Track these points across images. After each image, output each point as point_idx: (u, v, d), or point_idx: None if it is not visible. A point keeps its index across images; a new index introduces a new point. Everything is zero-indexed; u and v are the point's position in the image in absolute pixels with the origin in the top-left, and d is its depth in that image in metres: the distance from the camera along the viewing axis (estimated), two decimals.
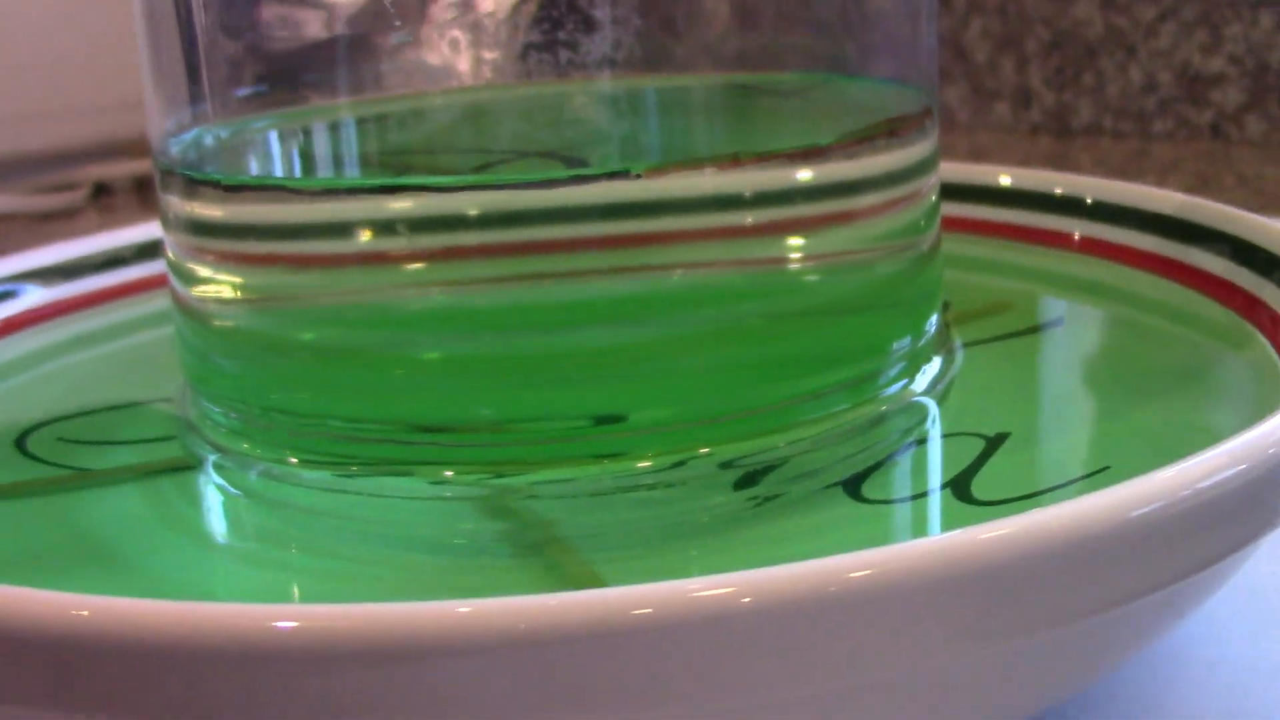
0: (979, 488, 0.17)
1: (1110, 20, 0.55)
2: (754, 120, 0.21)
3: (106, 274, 0.26)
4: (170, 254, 0.20)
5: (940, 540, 0.12)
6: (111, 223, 0.53)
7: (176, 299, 0.20)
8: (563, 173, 0.18)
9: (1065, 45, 0.57)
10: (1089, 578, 0.13)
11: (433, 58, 0.20)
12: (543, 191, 0.17)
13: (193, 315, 0.20)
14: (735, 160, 0.17)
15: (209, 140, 0.20)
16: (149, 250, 0.26)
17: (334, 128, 0.20)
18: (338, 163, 0.20)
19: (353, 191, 0.19)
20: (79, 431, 0.21)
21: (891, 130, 0.19)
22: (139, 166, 0.59)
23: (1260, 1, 0.52)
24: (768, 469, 0.18)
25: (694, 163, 0.18)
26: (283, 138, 0.20)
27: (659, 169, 0.17)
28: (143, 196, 0.58)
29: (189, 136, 0.20)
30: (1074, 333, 0.23)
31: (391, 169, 0.20)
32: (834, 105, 0.20)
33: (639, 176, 0.17)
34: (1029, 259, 0.25)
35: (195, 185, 0.19)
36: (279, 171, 0.20)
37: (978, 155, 0.56)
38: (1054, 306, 0.24)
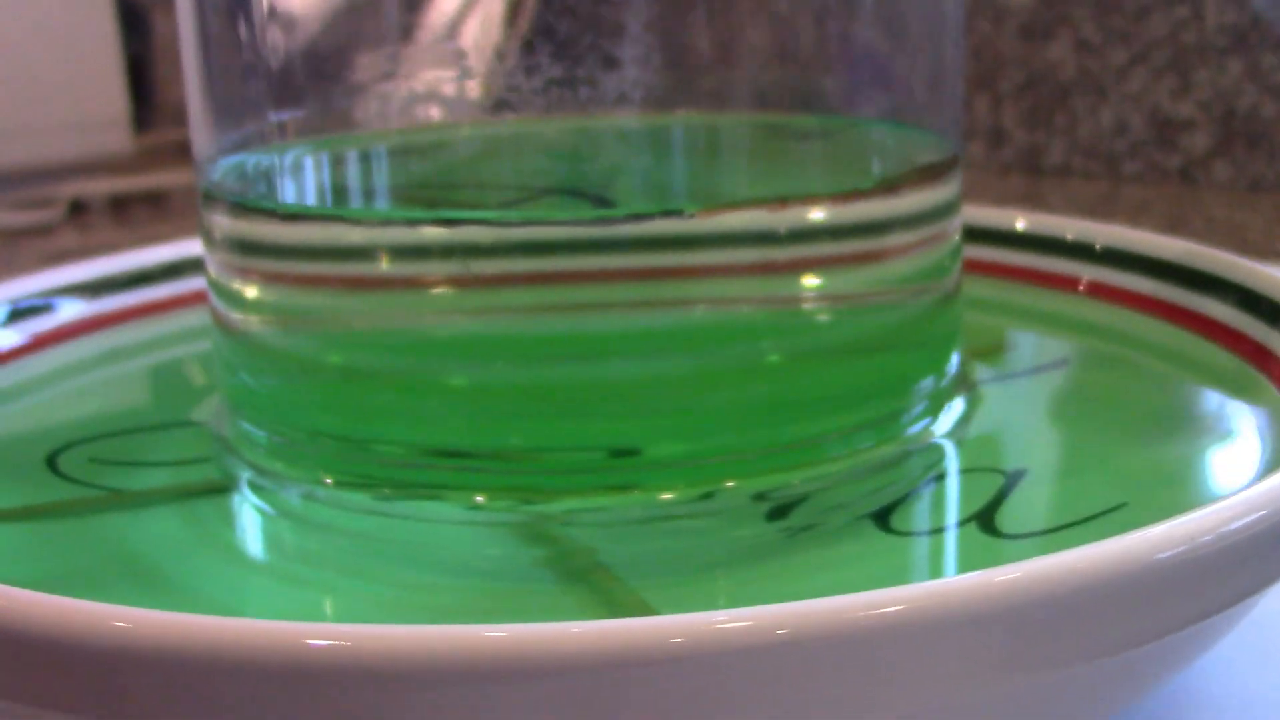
0: (1003, 521, 0.18)
1: (1082, 63, 0.57)
2: (783, 162, 0.21)
3: (136, 291, 0.26)
4: (212, 272, 0.21)
5: (967, 579, 0.12)
6: (88, 240, 0.53)
7: (217, 318, 0.21)
8: (620, 211, 0.19)
9: (1038, 86, 0.58)
10: (1113, 617, 0.13)
11: (462, 90, 0.20)
12: (588, 228, 0.18)
13: (234, 335, 0.20)
14: (782, 203, 0.18)
15: (254, 164, 0.20)
16: (175, 269, 0.27)
17: (373, 158, 0.21)
18: (378, 193, 0.20)
19: (409, 223, 0.19)
20: (112, 452, 0.21)
21: (926, 176, 0.20)
22: (116, 184, 0.59)
23: (1228, 50, 0.53)
24: (799, 501, 0.18)
25: (743, 204, 0.18)
26: (327, 165, 0.20)
27: (712, 209, 0.18)
28: (118, 214, 0.58)
29: (234, 160, 0.21)
30: (1083, 373, 0.23)
31: (428, 202, 0.21)
32: (863, 149, 0.21)
33: (692, 216, 0.18)
34: (1038, 301, 0.26)
35: (244, 208, 0.20)
36: (325, 199, 0.20)
37: None
38: (1062, 347, 0.24)
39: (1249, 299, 0.22)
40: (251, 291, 0.20)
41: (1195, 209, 0.51)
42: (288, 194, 0.20)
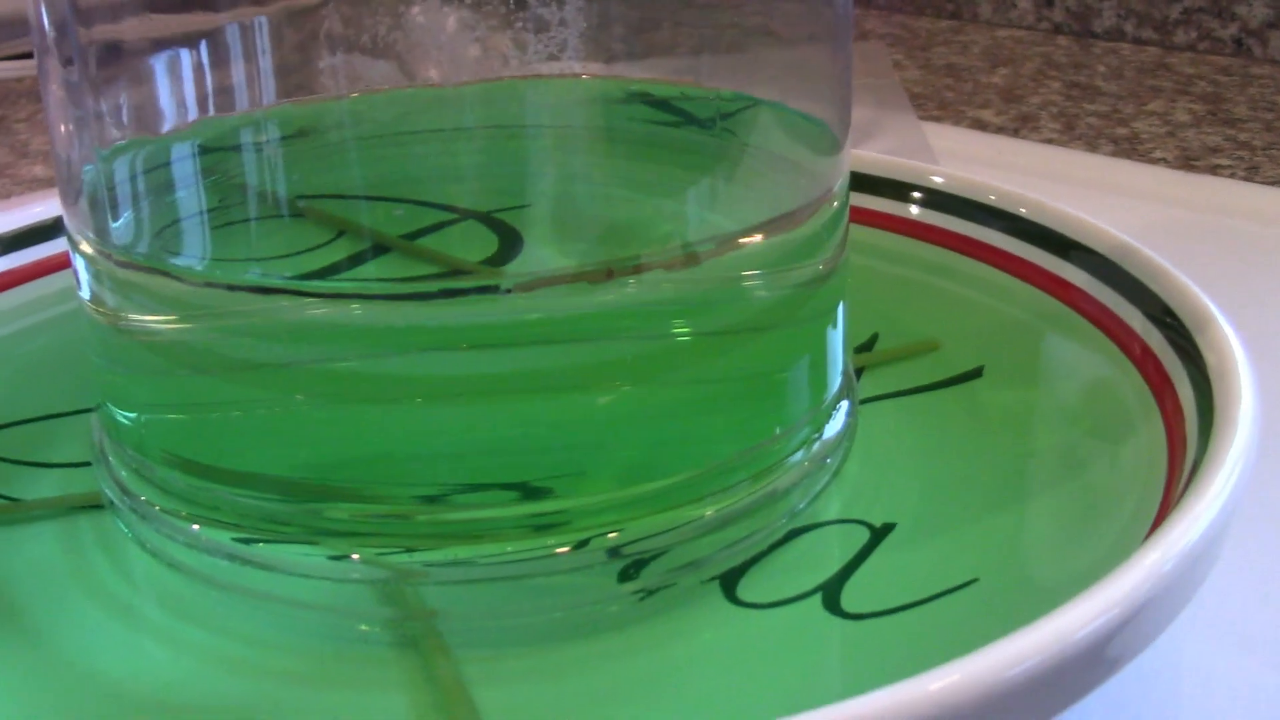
0: (849, 596, 0.18)
1: None
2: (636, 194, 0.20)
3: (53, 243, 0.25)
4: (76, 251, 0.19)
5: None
6: None
7: (82, 303, 0.20)
8: (434, 286, 0.18)
9: None
10: None
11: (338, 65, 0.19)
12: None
13: (102, 319, 0.19)
14: (609, 273, 0.17)
15: (121, 171, 0.19)
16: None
17: (248, 153, 0.19)
18: (257, 201, 0.19)
19: (229, 287, 0.18)
20: (15, 446, 0.22)
21: (780, 225, 0.19)
22: None
23: None
24: (654, 556, 0.18)
25: (566, 278, 0.17)
26: (199, 175, 0.19)
27: (528, 284, 0.17)
28: None
29: (98, 163, 0.19)
30: (987, 392, 0.22)
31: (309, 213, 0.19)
32: (732, 164, 0.20)
33: (508, 292, 0.17)
34: (961, 288, 0.24)
35: (99, 248, 0.19)
36: (162, 237, 0.19)
37: (995, 54, 0.55)
38: (975, 355, 0.23)
39: (1167, 317, 0.20)
40: (120, 288, 0.19)
41: (1241, 88, 0.49)
42: (120, 235, 0.19)
